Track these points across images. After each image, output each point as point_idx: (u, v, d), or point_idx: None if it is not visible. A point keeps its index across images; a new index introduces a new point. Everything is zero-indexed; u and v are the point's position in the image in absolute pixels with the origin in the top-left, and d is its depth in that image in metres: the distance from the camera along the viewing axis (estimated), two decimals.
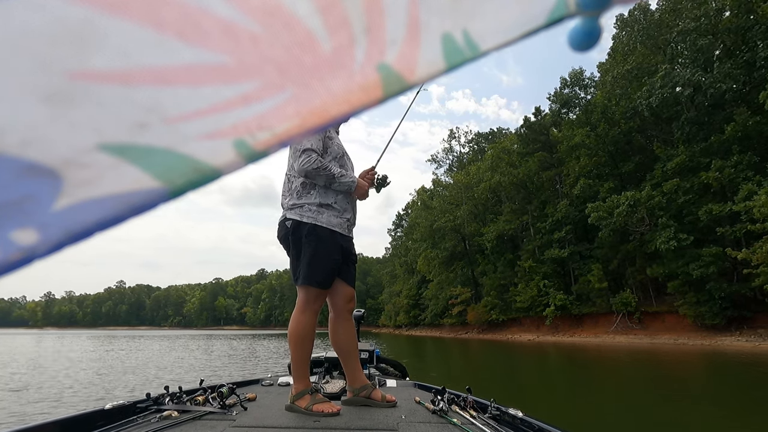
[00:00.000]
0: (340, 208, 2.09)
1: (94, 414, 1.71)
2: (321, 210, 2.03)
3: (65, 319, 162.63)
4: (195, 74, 0.20)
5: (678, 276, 24.11)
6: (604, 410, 6.70)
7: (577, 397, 8.02)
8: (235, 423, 1.72)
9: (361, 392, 2.08)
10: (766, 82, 21.54)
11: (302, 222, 2.01)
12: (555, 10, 0.27)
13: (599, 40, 0.29)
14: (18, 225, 0.17)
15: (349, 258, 2.14)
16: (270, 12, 0.21)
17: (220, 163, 0.21)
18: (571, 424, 5.73)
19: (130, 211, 0.19)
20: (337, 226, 2.06)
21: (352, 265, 2.18)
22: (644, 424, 5.65)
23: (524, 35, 0.27)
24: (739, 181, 21.94)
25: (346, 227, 2.13)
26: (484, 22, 0.27)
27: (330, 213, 2.05)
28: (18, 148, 0.17)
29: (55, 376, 10.47)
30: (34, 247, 0.18)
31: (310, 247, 1.99)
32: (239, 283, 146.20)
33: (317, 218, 2.02)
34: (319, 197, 2.05)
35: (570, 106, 35.88)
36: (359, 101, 0.24)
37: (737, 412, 6.25)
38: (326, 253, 2.00)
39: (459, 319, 41.64)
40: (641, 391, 8.13)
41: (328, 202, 2.06)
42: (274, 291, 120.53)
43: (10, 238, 0.17)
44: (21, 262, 0.17)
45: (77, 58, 0.17)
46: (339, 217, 2.08)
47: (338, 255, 2.05)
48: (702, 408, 6.73)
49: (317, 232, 2.00)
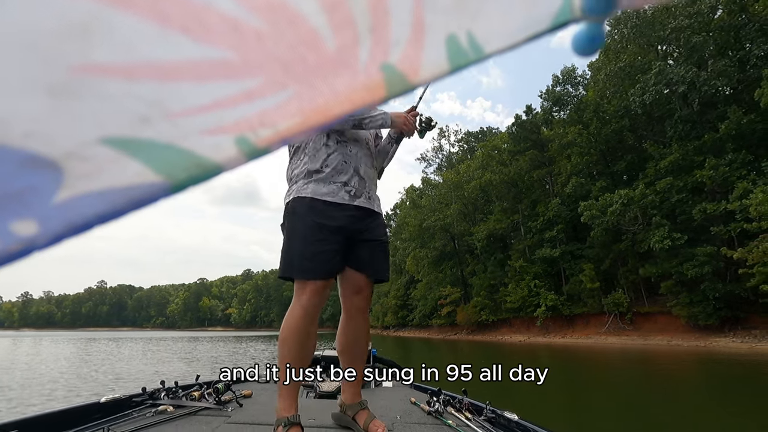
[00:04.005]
0: (332, 170, 1.64)
1: (90, 407, 1.72)
2: (308, 180, 1.63)
3: (43, 320, 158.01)
4: (198, 70, 0.20)
5: (671, 276, 23.80)
6: (603, 415, 6.46)
7: (573, 402, 7.75)
8: (230, 419, 1.73)
9: (347, 410, 1.72)
10: (760, 80, 21.34)
11: (286, 204, 1.67)
12: (559, 14, 0.27)
13: (602, 44, 0.29)
14: (18, 216, 0.17)
15: (355, 234, 1.65)
16: (275, 9, 0.21)
17: (222, 159, 0.21)
18: (568, 429, 5.64)
19: (131, 205, 0.19)
20: (326, 195, 1.60)
21: (364, 243, 1.68)
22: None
23: (528, 39, 0.27)
24: (734, 180, 21.65)
25: (345, 193, 1.64)
26: (488, 25, 0.27)
27: (318, 180, 1.63)
28: (20, 140, 0.17)
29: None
30: (34, 238, 0.18)
31: (286, 229, 1.65)
32: (224, 284, 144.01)
33: (300, 191, 1.62)
34: (309, 162, 1.65)
35: (562, 104, 35.57)
36: (362, 100, 0.24)
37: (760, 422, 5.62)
38: (302, 231, 1.58)
39: (448, 320, 41.05)
40: (642, 395, 7.71)
41: (317, 167, 1.64)
42: (260, 291, 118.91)
43: (10, 228, 0.17)
44: (20, 253, 0.17)
45: (81, 52, 0.17)
46: (330, 183, 1.63)
47: (322, 232, 1.57)
48: (713, 414, 6.24)
49: (294, 208, 1.62)
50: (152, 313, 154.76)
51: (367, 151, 1.76)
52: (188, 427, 1.62)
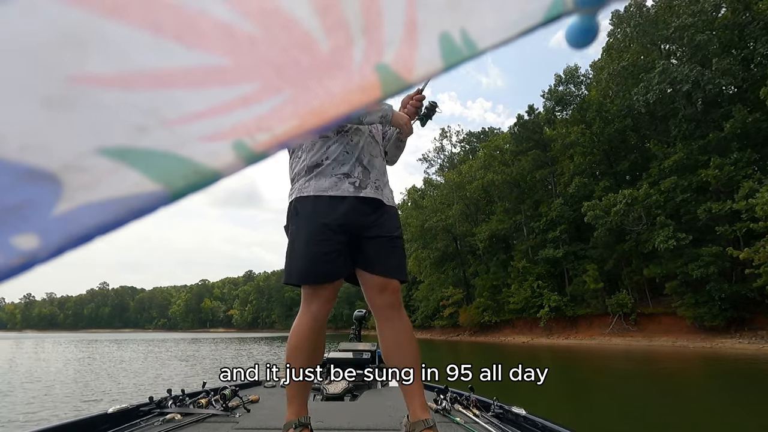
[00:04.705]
0: (333, 161, 1.51)
1: (98, 418, 1.72)
2: (309, 176, 1.52)
3: (45, 322, 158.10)
4: (193, 76, 0.20)
5: (676, 276, 23.58)
6: (605, 415, 6.46)
7: (575, 402, 7.81)
8: (238, 425, 1.74)
9: (414, 428, 1.44)
10: (764, 79, 21.15)
11: (288, 204, 1.57)
12: (552, 8, 0.27)
13: (596, 37, 0.29)
14: (18, 230, 0.17)
15: (361, 230, 1.51)
16: (268, 13, 0.21)
17: (220, 165, 0.21)
18: (576, 424, 5.54)
19: (131, 214, 0.19)
20: (328, 189, 1.48)
21: (370, 240, 1.53)
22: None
23: (522, 33, 0.27)
24: (739, 179, 21.45)
25: (348, 185, 1.50)
26: (481, 21, 0.27)
27: (319, 174, 1.51)
28: (17, 153, 0.17)
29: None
30: (35, 252, 0.17)
31: (289, 232, 1.55)
32: (226, 285, 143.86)
33: (301, 190, 1.51)
34: (308, 156, 1.54)
35: (564, 103, 35.39)
36: (358, 101, 0.24)
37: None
38: (305, 233, 1.47)
39: (450, 321, 40.85)
40: (645, 396, 7.62)
41: (316, 160, 1.52)
42: (262, 293, 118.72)
43: (11, 243, 0.17)
44: (22, 267, 0.17)
45: (75, 62, 0.17)
46: (331, 175, 1.50)
47: (324, 233, 1.45)
48: (718, 416, 6.19)
49: (296, 209, 1.52)
50: (154, 315, 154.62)
51: (371, 139, 1.62)
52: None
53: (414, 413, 1.47)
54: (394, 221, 1.61)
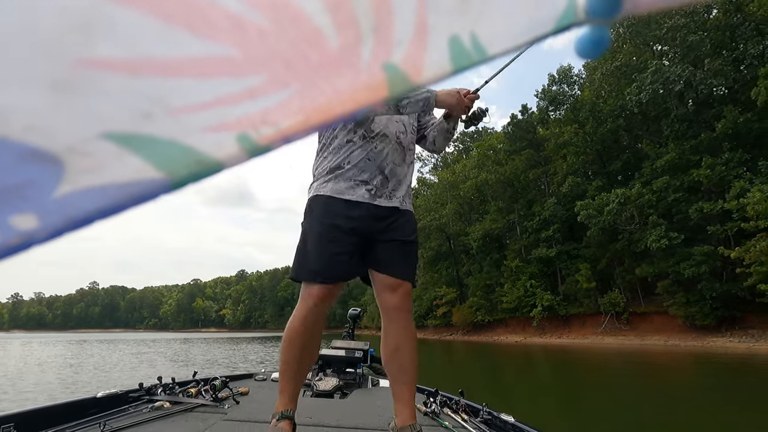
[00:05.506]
0: (354, 167, 1.53)
1: (87, 401, 1.73)
2: (329, 177, 1.55)
3: (33, 322, 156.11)
4: (201, 66, 0.20)
5: (668, 275, 23.71)
6: (598, 416, 6.36)
7: (569, 402, 7.70)
8: (226, 416, 1.73)
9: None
10: (755, 80, 21.31)
11: (307, 201, 1.60)
12: (563, 17, 0.27)
13: (607, 47, 0.29)
14: (18, 210, 0.17)
15: (374, 234, 1.54)
16: (278, 7, 0.21)
17: (223, 157, 0.21)
18: (568, 423, 5.70)
19: (131, 200, 0.19)
20: (344, 192, 1.51)
21: (383, 244, 1.56)
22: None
23: (532, 41, 0.27)
24: (731, 179, 21.61)
25: (365, 191, 1.52)
26: (492, 26, 0.26)
27: (338, 177, 1.53)
28: (21, 133, 0.17)
29: None
30: (34, 232, 0.17)
31: (302, 228, 1.58)
32: (218, 285, 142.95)
33: (319, 189, 1.55)
34: (332, 158, 1.56)
35: (558, 103, 35.50)
36: (365, 100, 0.24)
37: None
38: (316, 231, 1.51)
39: (443, 320, 40.82)
40: (638, 395, 7.60)
41: (338, 163, 1.54)
42: (254, 292, 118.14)
43: (10, 222, 0.17)
44: (20, 247, 0.17)
45: (83, 46, 0.17)
46: (349, 180, 1.53)
47: (335, 233, 1.48)
48: (710, 414, 6.12)
49: (311, 206, 1.56)
50: (145, 315, 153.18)
51: (397, 146, 1.60)
52: (184, 423, 1.63)
53: (402, 418, 1.49)
54: (408, 226, 1.62)
